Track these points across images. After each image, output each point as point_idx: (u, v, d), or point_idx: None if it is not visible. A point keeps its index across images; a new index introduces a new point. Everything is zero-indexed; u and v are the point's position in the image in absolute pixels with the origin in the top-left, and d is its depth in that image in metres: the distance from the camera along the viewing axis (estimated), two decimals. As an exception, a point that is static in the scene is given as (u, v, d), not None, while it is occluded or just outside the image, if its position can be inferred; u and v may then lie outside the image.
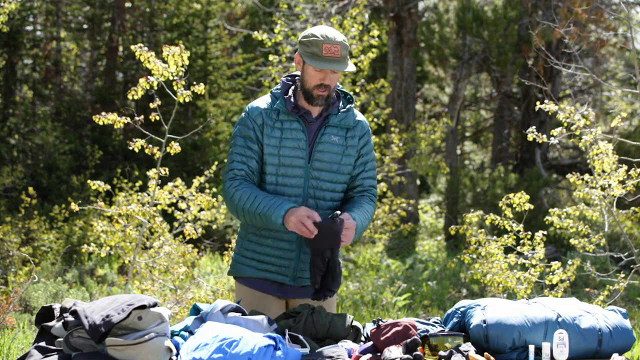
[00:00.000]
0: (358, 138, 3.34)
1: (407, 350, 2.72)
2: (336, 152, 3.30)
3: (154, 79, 4.91)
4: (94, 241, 6.77)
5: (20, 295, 6.20)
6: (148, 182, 5.71)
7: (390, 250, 12.19)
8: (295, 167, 3.26)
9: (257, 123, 3.27)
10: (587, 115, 5.32)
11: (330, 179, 3.29)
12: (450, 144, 13.70)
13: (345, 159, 3.31)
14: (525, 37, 12.18)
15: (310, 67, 3.20)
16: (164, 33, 14.66)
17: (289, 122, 3.28)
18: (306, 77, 3.24)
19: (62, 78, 15.21)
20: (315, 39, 3.17)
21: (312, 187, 3.27)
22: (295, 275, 3.32)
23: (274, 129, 3.27)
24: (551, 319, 2.95)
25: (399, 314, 7.50)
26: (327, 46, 3.15)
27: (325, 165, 3.28)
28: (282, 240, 3.29)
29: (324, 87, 3.21)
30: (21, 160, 13.10)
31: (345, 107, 3.34)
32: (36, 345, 2.72)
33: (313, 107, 3.30)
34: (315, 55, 3.17)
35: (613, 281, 5.54)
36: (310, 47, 3.18)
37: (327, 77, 3.19)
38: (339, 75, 3.26)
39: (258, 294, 3.36)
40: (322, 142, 3.28)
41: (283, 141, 3.26)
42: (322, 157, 3.28)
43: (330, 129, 3.30)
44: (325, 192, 3.29)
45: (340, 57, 3.17)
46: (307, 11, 12.29)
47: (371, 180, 3.39)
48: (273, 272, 3.32)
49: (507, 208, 5.50)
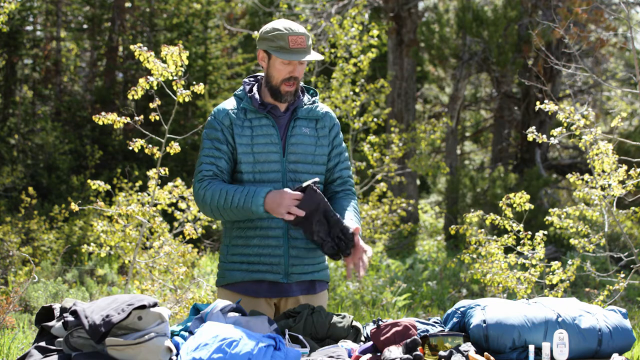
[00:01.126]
0: (328, 129, 3.36)
1: (407, 350, 2.72)
2: (309, 143, 3.30)
3: (154, 79, 4.91)
4: (94, 241, 6.78)
5: (20, 295, 6.20)
6: (148, 182, 5.71)
7: (390, 250, 12.19)
8: (271, 162, 3.25)
9: (224, 124, 3.26)
10: (587, 115, 5.32)
11: (307, 170, 3.29)
12: (450, 144, 13.70)
13: (318, 150, 3.32)
14: (525, 37, 12.18)
15: (277, 61, 3.20)
16: (164, 33, 14.66)
17: (257, 119, 3.27)
18: (273, 72, 3.23)
19: (62, 78, 15.22)
20: (280, 32, 3.18)
21: (290, 180, 3.26)
22: (287, 271, 3.28)
23: (243, 128, 3.26)
24: (551, 319, 2.95)
25: (399, 314, 7.50)
26: (293, 38, 3.17)
27: (300, 157, 3.28)
28: (268, 238, 3.26)
29: (292, 79, 3.21)
30: (21, 160, 13.10)
31: (310, 100, 3.35)
32: (36, 345, 2.72)
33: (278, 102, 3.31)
34: (282, 49, 3.17)
35: (613, 281, 5.54)
36: (276, 41, 3.18)
37: (296, 69, 3.21)
38: (305, 67, 3.28)
39: (247, 298, 3.30)
40: (294, 135, 3.29)
41: (255, 138, 3.25)
42: (296, 149, 3.28)
43: (299, 121, 3.31)
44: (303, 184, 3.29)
45: (306, 47, 3.20)
46: (307, 11, 12.30)
47: (348, 171, 3.42)
48: (264, 271, 3.27)
49: (507, 208, 5.51)
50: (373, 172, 10.04)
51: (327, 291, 3.46)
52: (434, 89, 18.27)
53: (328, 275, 3.44)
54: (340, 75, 8.94)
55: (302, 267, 3.30)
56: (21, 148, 13.43)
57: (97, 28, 15.42)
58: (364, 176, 11.24)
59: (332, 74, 9.26)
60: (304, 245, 3.29)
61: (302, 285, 3.33)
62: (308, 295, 3.35)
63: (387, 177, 10.20)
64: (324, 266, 3.41)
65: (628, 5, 6.05)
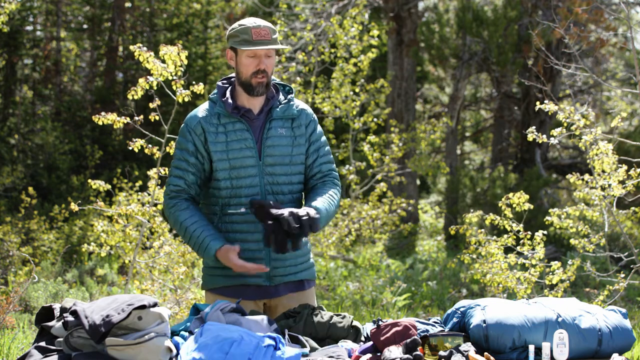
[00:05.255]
0: (304, 127, 3.31)
1: (407, 350, 2.72)
2: (286, 144, 3.26)
3: (154, 79, 4.91)
4: (94, 241, 6.77)
5: (20, 295, 6.20)
6: (148, 182, 5.71)
7: (390, 250, 12.19)
8: (247, 167, 3.22)
9: (196, 133, 3.24)
10: (587, 115, 5.32)
11: (284, 172, 3.26)
12: (450, 144, 13.70)
13: (296, 149, 3.28)
14: (525, 37, 12.18)
15: (243, 56, 3.22)
16: (164, 33, 14.67)
17: (231, 124, 3.25)
18: (241, 68, 3.24)
19: (62, 78, 15.22)
20: (243, 27, 3.22)
21: (268, 183, 3.24)
22: (268, 274, 3.27)
23: (217, 134, 3.23)
24: (551, 319, 2.95)
25: (399, 314, 7.50)
26: (256, 30, 3.20)
27: (277, 160, 3.25)
28: (249, 242, 3.24)
29: (260, 73, 3.20)
30: (21, 160, 13.10)
31: (285, 98, 3.32)
32: (36, 345, 2.72)
33: (254, 103, 3.27)
34: (245, 42, 3.20)
35: (613, 281, 5.54)
36: (240, 36, 3.22)
37: (262, 61, 3.20)
38: (274, 61, 3.26)
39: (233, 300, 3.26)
40: (270, 137, 3.25)
41: (229, 144, 3.23)
42: (272, 151, 3.24)
43: (275, 122, 3.27)
44: (282, 185, 3.26)
45: (270, 40, 3.20)
46: (307, 11, 12.30)
47: (329, 165, 3.36)
48: (247, 276, 3.25)
49: (507, 208, 5.51)
50: (373, 172, 10.04)
51: (313, 289, 3.45)
52: (434, 89, 18.27)
53: (313, 274, 3.42)
54: (340, 75, 8.95)
55: (284, 268, 3.29)
56: (21, 148, 13.43)
57: (97, 28, 15.42)
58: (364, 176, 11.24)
59: (332, 74, 9.27)
60: None
61: (288, 286, 3.32)
62: (295, 293, 3.34)
63: (387, 177, 10.20)
64: (309, 265, 3.39)
65: (628, 5, 6.05)
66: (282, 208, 3.06)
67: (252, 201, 3.13)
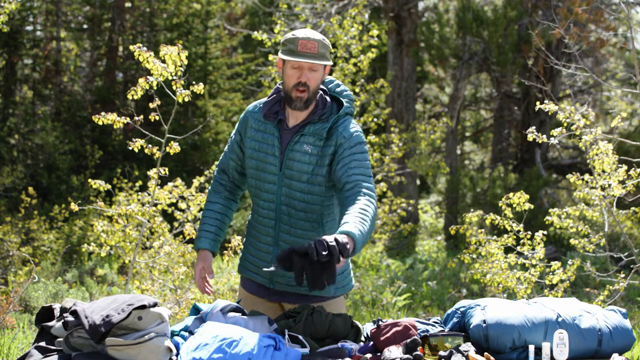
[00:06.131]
0: (333, 147, 3.15)
1: (407, 350, 2.72)
2: (307, 162, 3.17)
3: (153, 79, 4.91)
4: (94, 241, 6.78)
5: (20, 295, 6.20)
6: (148, 182, 5.71)
7: (390, 250, 12.18)
8: (268, 174, 3.24)
9: (244, 124, 3.34)
10: (587, 115, 5.32)
11: (300, 189, 3.20)
12: (450, 144, 13.70)
13: (317, 170, 3.17)
14: (525, 37, 12.18)
15: (287, 66, 3.16)
16: (164, 33, 14.66)
17: (269, 126, 3.26)
18: (285, 78, 3.18)
19: (62, 78, 15.21)
20: (293, 37, 3.16)
21: (284, 194, 3.23)
22: (272, 278, 3.32)
23: (257, 131, 3.28)
24: (551, 319, 2.95)
25: (399, 314, 7.50)
26: (303, 42, 3.12)
27: (294, 175, 3.20)
28: (260, 242, 3.33)
29: (301, 86, 3.14)
30: (21, 160, 13.10)
31: (327, 115, 3.20)
32: (36, 345, 2.72)
33: (292, 114, 3.23)
34: (290, 52, 3.14)
35: (613, 281, 5.54)
36: (288, 45, 3.16)
37: (304, 74, 3.13)
38: (320, 77, 3.17)
39: (248, 294, 3.45)
40: (293, 151, 3.19)
41: (261, 145, 3.26)
42: (292, 165, 3.20)
43: (304, 137, 3.19)
44: (296, 201, 3.22)
45: (316, 53, 3.12)
46: (307, 11, 12.30)
47: (359, 176, 3.07)
48: (254, 272, 3.37)
49: (507, 208, 5.51)
50: (373, 172, 10.04)
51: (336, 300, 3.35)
52: (434, 89, 18.27)
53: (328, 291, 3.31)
54: (340, 75, 8.94)
55: (286, 278, 3.29)
56: (21, 148, 13.43)
57: (97, 28, 15.42)
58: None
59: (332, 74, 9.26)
60: None
61: (290, 297, 3.33)
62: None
63: (387, 177, 10.20)
64: None
65: (628, 5, 6.05)
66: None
67: (277, 258, 2.78)
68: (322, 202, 3.23)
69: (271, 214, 3.26)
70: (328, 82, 3.31)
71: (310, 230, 3.24)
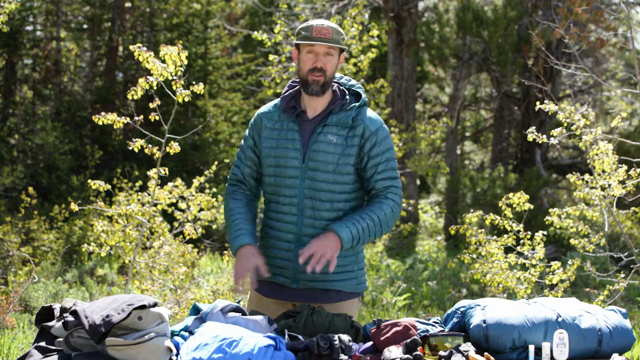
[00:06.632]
0: (359, 138, 3.22)
1: (407, 350, 2.72)
2: (332, 151, 3.21)
3: (153, 79, 4.91)
4: (94, 241, 6.77)
5: (20, 295, 6.20)
6: (148, 182, 5.71)
7: (390, 250, 12.19)
8: (290, 168, 3.24)
9: (256, 127, 3.35)
10: (587, 115, 5.32)
11: (325, 179, 3.21)
12: (450, 144, 13.70)
13: (343, 159, 3.21)
14: (525, 37, 12.18)
15: (303, 52, 3.23)
16: (164, 33, 14.66)
17: (286, 122, 3.29)
18: (300, 64, 3.25)
19: (62, 78, 15.21)
20: (307, 25, 3.25)
21: (307, 187, 3.23)
22: (295, 276, 3.29)
23: (273, 130, 3.30)
24: (551, 319, 2.95)
25: (399, 314, 7.50)
26: (318, 28, 3.20)
27: (320, 165, 3.22)
28: (281, 240, 3.30)
29: (317, 71, 3.20)
30: (21, 160, 13.09)
31: (349, 105, 3.26)
32: (36, 345, 2.72)
33: (313, 106, 3.28)
34: (306, 38, 3.22)
35: (613, 281, 5.54)
36: (302, 33, 3.24)
37: (320, 59, 3.20)
38: (335, 63, 3.24)
39: (263, 298, 3.38)
40: (317, 142, 3.23)
41: (279, 142, 3.28)
42: (316, 156, 3.22)
43: (327, 128, 3.24)
44: (320, 192, 3.23)
45: (330, 39, 3.20)
46: (307, 11, 12.29)
47: (384, 182, 3.23)
48: (276, 274, 3.31)
49: (507, 208, 5.51)
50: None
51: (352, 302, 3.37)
52: (434, 89, 18.27)
53: (352, 287, 3.33)
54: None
55: (311, 274, 3.24)
56: (21, 148, 13.42)
57: (97, 28, 15.42)
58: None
59: (332, 74, 9.23)
60: None
61: (315, 293, 3.30)
62: (324, 304, 3.29)
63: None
64: (347, 276, 3.32)
65: (628, 5, 6.05)
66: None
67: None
68: (349, 190, 3.26)
69: (293, 209, 3.26)
70: (339, 78, 3.39)
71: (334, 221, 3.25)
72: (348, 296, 3.35)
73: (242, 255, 3.19)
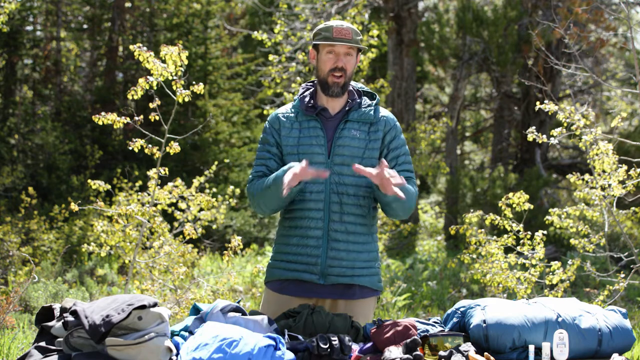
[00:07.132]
0: (382, 132, 3.33)
1: (407, 350, 2.72)
2: (357, 145, 3.29)
3: (154, 79, 4.91)
4: (93, 241, 6.77)
5: (20, 295, 6.20)
6: (148, 182, 5.71)
7: (390, 250, 12.19)
8: (315, 164, 3.26)
9: (274, 127, 3.37)
10: (587, 115, 5.32)
11: (352, 173, 3.24)
12: (450, 144, 13.70)
13: (368, 152, 3.30)
14: (525, 37, 12.18)
15: (323, 52, 3.29)
16: (164, 33, 14.66)
17: (306, 121, 3.34)
18: (320, 64, 3.31)
19: (62, 78, 15.21)
20: (327, 26, 3.31)
21: (334, 182, 3.27)
22: (323, 272, 3.29)
23: (292, 129, 3.34)
24: (551, 319, 2.95)
25: (399, 314, 7.50)
26: (338, 29, 3.27)
27: (346, 159, 3.28)
28: (307, 237, 3.30)
29: (338, 71, 3.27)
30: (21, 160, 13.10)
31: (367, 103, 3.37)
32: (36, 345, 2.72)
33: (332, 105, 3.34)
34: (326, 38, 3.28)
35: (613, 281, 5.54)
36: (322, 33, 3.31)
37: (340, 59, 3.27)
38: (354, 62, 3.32)
39: (284, 298, 3.35)
40: (342, 137, 3.30)
41: (301, 140, 3.31)
42: (342, 151, 3.28)
43: (350, 123, 3.32)
44: (348, 186, 3.28)
45: (350, 39, 3.27)
46: (307, 11, 12.29)
47: (404, 173, 3.32)
48: (301, 271, 3.31)
49: (507, 208, 5.51)
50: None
51: (372, 300, 3.40)
52: (434, 89, 18.27)
53: (374, 283, 3.37)
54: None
55: (340, 269, 3.28)
56: (21, 148, 13.42)
57: (97, 28, 15.42)
58: (364, 176, 11.21)
59: (332, 74, 9.23)
60: (345, 247, 3.28)
61: (338, 289, 3.31)
62: (346, 301, 3.32)
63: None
64: (371, 272, 3.36)
65: (628, 5, 6.05)
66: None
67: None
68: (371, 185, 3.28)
69: (319, 204, 3.28)
70: None
71: (362, 216, 3.31)
72: (369, 293, 3.38)
73: (293, 170, 3.08)
